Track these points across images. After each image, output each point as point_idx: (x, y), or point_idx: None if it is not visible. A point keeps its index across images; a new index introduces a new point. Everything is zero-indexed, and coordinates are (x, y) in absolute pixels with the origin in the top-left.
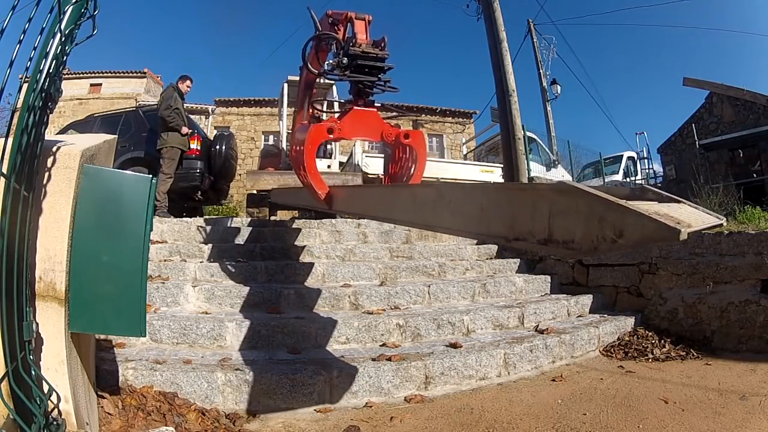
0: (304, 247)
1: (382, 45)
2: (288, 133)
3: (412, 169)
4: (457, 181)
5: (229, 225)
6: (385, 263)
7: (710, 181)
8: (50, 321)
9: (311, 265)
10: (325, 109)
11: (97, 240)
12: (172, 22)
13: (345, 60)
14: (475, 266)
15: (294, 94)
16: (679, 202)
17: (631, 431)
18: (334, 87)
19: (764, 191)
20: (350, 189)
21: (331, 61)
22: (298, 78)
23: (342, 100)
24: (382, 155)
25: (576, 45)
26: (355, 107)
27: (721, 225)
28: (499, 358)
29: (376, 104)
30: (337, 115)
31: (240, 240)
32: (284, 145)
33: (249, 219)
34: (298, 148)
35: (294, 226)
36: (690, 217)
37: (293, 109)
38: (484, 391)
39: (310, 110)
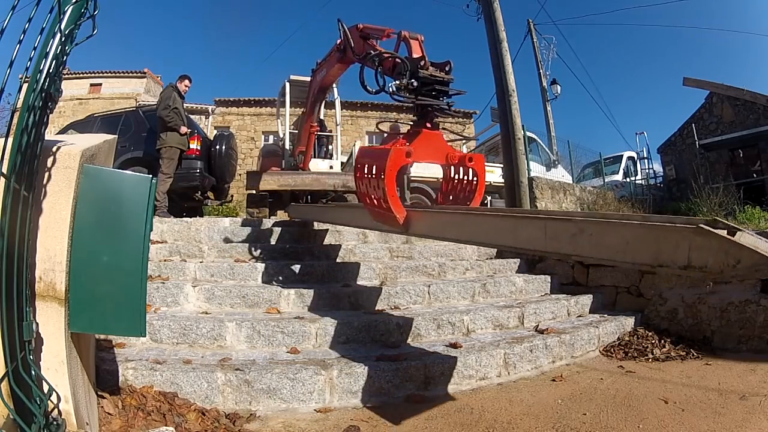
0: (304, 247)
1: (447, 69)
2: (291, 133)
3: (471, 192)
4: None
5: (228, 226)
6: (385, 263)
7: (710, 181)
8: (50, 321)
9: (311, 265)
10: (322, 108)
11: (97, 240)
12: (172, 22)
13: (414, 83)
14: (475, 266)
15: (296, 94)
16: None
17: (631, 431)
18: (335, 88)
19: (764, 191)
20: (439, 215)
21: (396, 83)
22: (300, 77)
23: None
24: None
25: (576, 45)
26: (424, 129)
27: None
28: (499, 358)
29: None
30: (400, 136)
31: (238, 240)
32: (287, 145)
33: (243, 219)
34: (366, 172)
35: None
36: None
37: (295, 109)
38: (484, 391)
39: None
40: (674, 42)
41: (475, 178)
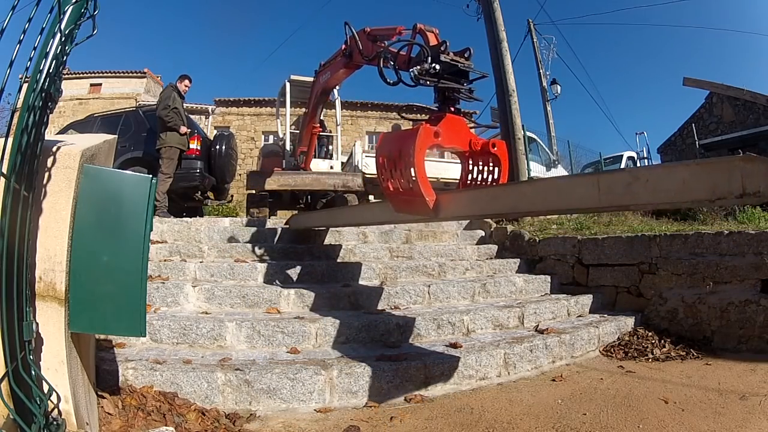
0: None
1: (467, 55)
2: (291, 133)
3: (494, 180)
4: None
5: (227, 226)
6: (385, 263)
7: None
8: (50, 321)
9: (311, 265)
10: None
11: (97, 240)
12: (172, 22)
13: (437, 67)
14: (475, 266)
15: (296, 94)
16: None
17: (631, 431)
18: (336, 89)
19: None
20: (474, 192)
21: (418, 68)
22: (300, 77)
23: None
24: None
25: (576, 45)
26: (448, 114)
27: None
28: (499, 358)
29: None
30: (424, 119)
31: (237, 240)
32: (287, 145)
33: (247, 219)
34: (389, 158)
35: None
36: None
37: (295, 109)
38: (484, 391)
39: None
40: (674, 42)
41: (497, 167)
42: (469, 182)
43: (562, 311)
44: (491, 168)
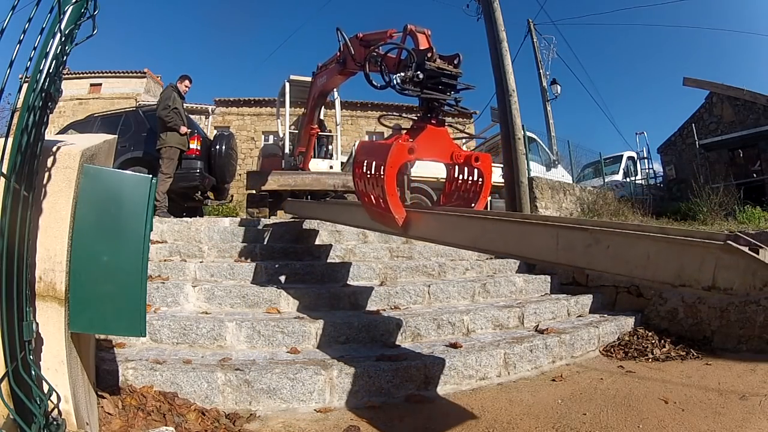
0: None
1: (456, 62)
2: (291, 133)
3: (476, 193)
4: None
5: (227, 226)
6: (385, 263)
7: (710, 181)
8: (50, 321)
9: (311, 265)
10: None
11: (97, 240)
12: (172, 22)
13: (420, 75)
14: (474, 266)
15: (296, 94)
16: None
17: (631, 431)
18: (336, 90)
19: (764, 191)
20: (440, 216)
21: (401, 75)
22: (300, 77)
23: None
24: None
25: (576, 45)
26: (429, 125)
27: None
28: (499, 358)
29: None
30: (403, 132)
31: (237, 240)
32: (287, 145)
33: (246, 219)
34: (365, 169)
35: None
36: None
37: (295, 109)
38: (484, 391)
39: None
40: (674, 42)
41: (480, 179)
42: (452, 192)
43: (562, 311)
44: (475, 179)
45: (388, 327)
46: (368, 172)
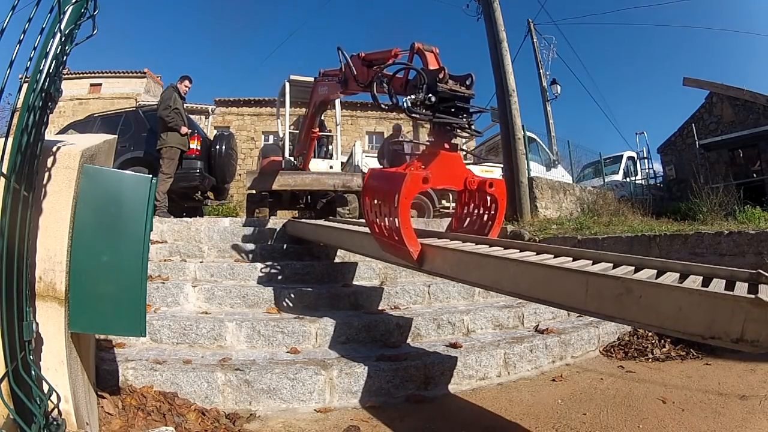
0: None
1: (468, 83)
2: (291, 133)
3: (489, 219)
4: None
5: (228, 226)
6: (385, 263)
7: (710, 181)
8: (50, 321)
9: (311, 265)
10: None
11: (97, 240)
12: (172, 22)
13: (432, 98)
14: None
15: (296, 94)
16: None
17: (631, 431)
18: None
19: (764, 191)
20: (460, 254)
21: (412, 97)
22: (300, 77)
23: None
24: (375, 155)
25: (576, 45)
26: (442, 151)
27: None
28: (499, 358)
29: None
30: (415, 158)
31: (238, 240)
32: (287, 145)
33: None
34: (376, 197)
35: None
36: None
37: (295, 109)
38: (484, 391)
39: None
40: (674, 42)
41: (494, 205)
42: (464, 217)
43: (562, 311)
44: (488, 205)
45: (388, 327)
46: (380, 201)
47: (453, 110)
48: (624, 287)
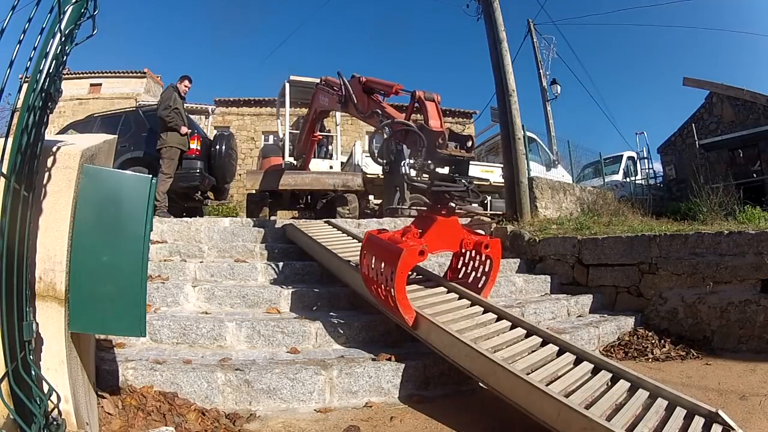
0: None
1: (469, 144)
2: (291, 133)
3: (485, 274)
4: None
5: (228, 226)
6: None
7: (710, 181)
8: (50, 321)
9: (311, 264)
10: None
11: (97, 240)
12: (172, 22)
13: (431, 165)
14: None
15: (296, 94)
16: None
17: None
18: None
19: (764, 191)
20: (452, 338)
21: (411, 162)
22: (300, 77)
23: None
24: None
25: (576, 45)
26: (439, 217)
27: None
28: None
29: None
30: (409, 221)
31: (237, 240)
32: (287, 145)
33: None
34: (374, 262)
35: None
36: None
37: (295, 109)
38: (485, 390)
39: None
40: (674, 42)
41: (488, 261)
42: (458, 271)
43: (562, 311)
44: (483, 260)
45: (388, 327)
46: (377, 266)
47: (450, 174)
48: (589, 425)
